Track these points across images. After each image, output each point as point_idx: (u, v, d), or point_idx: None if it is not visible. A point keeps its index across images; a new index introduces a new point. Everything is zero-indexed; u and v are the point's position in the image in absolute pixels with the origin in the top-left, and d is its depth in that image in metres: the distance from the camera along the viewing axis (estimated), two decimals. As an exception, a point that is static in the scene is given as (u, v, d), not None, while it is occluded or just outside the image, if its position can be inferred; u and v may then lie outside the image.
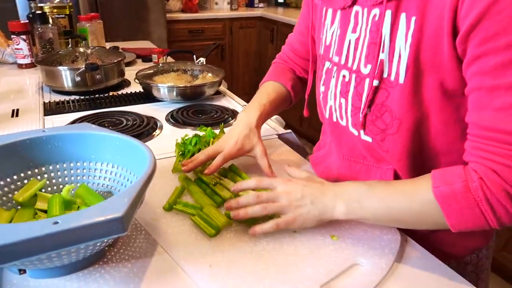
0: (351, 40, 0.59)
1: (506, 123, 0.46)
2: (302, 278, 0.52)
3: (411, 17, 0.51)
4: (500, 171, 0.47)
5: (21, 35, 1.44)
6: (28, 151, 0.64)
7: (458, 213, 0.49)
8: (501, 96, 0.46)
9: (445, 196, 0.49)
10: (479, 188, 0.48)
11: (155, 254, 0.56)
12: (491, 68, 0.46)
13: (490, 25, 0.45)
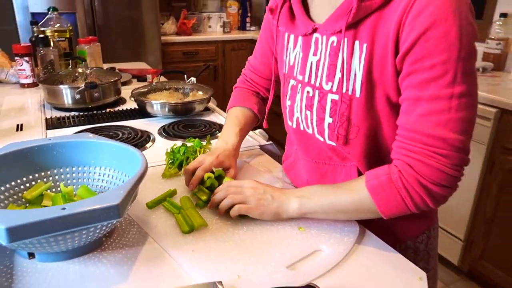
0: (312, 62, 0.70)
1: (424, 127, 0.58)
2: (271, 261, 0.61)
3: (363, 44, 0.62)
4: (414, 165, 0.59)
5: (24, 57, 1.54)
6: (36, 157, 0.73)
7: (385, 200, 0.61)
8: (423, 105, 0.57)
9: (374, 187, 0.61)
10: (398, 179, 0.60)
11: (146, 243, 0.65)
12: (418, 83, 0.57)
13: (419, 50, 0.56)
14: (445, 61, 0.55)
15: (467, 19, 0.55)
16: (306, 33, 0.70)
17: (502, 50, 2.14)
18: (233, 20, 3.87)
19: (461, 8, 0.55)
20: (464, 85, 0.56)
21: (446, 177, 0.58)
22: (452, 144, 0.57)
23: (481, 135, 1.72)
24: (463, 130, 0.57)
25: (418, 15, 0.55)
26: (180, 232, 0.68)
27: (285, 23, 0.75)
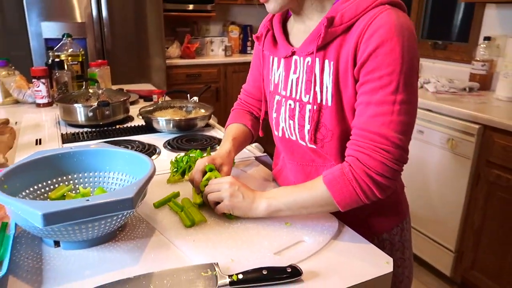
0: (293, 79, 0.83)
1: (372, 126, 0.70)
2: (261, 248, 0.71)
3: (331, 62, 0.75)
4: (362, 159, 0.70)
5: (41, 79, 1.68)
6: (59, 163, 0.84)
7: (339, 191, 0.72)
8: (372, 108, 0.70)
9: (330, 181, 0.72)
10: (349, 171, 0.71)
11: (153, 235, 0.76)
12: (369, 90, 0.70)
13: (371, 64, 0.70)
14: (390, 73, 0.68)
15: (409, 41, 0.69)
16: (286, 56, 0.83)
17: (487, 71, 2.27)
18: (234, 44, 4.04)
19: (404, 32, 0.68)
20: (405, 94, 0.69)
21: (388, 169, 0.70)
22: (393, 142, 0.69)
23: (466, 150, 1.83)
24: (403, 131, 0.70)
25: (370, 36, 0.69)
26: (182, 227, 0.78)
27: (269, 48, 0.88)
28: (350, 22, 0.72)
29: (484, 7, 2.34)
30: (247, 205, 0.78)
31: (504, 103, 2.00)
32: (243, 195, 0.79)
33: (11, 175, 0.74)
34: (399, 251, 0.90)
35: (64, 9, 2.82)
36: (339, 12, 0.73)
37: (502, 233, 1.76)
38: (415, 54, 0.70)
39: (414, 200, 2.14)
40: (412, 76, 0.70)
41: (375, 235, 0.86)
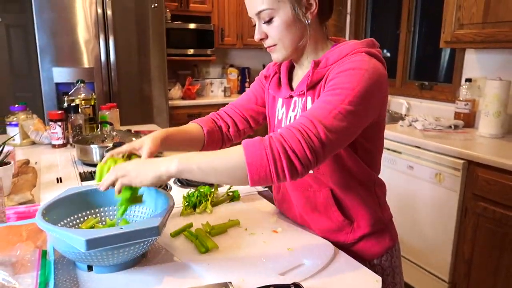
0: (291, 116, 0.97)
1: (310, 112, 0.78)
2: (267, 270, 0.82)
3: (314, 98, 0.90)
4: (284, 133, 0.75)
5: (57, 122, 1.82)
6: (88, 198, 0.96)
7: (252, 152, 0.73)
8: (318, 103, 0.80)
9: (246, 143, 0.76)
10: (267, 139, 0.75)
11: (172, 260, 0.87)
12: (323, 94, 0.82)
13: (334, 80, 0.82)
14: (345, 88, 0.79)
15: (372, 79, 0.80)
16: (286, 97, 0.98)
17: (470, 110, 2.44)
18: (233, 85, 4.25)
19: (370, 70, 0.80)
20: (347, 109, 0.77)
21: (301, 151, 0.73)
22: (319, 132, 0.74)
23: (453, 184, 1.96)
24: (332, 130, 0.75)
25: (341, 64, 0.84)
26: (197, 252, 0.89)
27: (273, 88, 1.03)
28: (333, 65, 0.87)
29: (464, 51, 2.55)
30: (156, 169, 0.78)
31: (486, 140, 2.15)
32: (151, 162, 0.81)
33: (50, 209, 0.86)
34: (390, 275, 1.00)
35: (75, 55, 3.01)
36: (324, 57, 0.90)
37: (491, 263, 1.85)
38: (374, 89, 0.80)
39: (407, 232, 2.25)
40: (363, 103, 0.79)
41: (366, 261, 0.96)
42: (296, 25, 0.89)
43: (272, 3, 0.87)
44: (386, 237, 1.00)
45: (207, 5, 3.89)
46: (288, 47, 0.91)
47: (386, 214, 1.02)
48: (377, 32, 3.51)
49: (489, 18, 2.03)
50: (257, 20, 0.91)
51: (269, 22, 0.89)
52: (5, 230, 0.91)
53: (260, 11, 0.88)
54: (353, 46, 0.88)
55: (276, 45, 0.91)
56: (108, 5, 3.03)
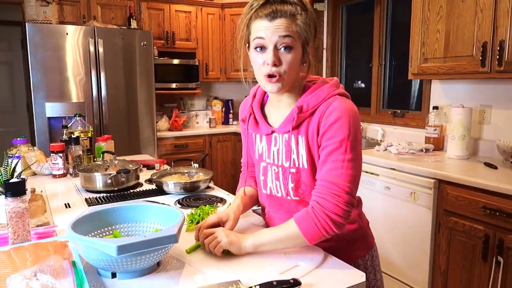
0: (274, 151, 1.11)
1: (328, 177, 0.98)
2: (269, 270, 0.96)
3: (303, 137, 1.05)
4: (320, 202, 0.98)
5: (58, 153, 1.93)
6: (106, 216, 1.08)
7: (306, 227, 0.97)
8: (328, 165, 0.99)
9: (298, 219, 0.99)
10: (312, 212, 0.98)
11: (184, 267, 0.99)
12: (326, 152, 1.00)
13: (328, 134, 1.00)
14: (341, 140, 0.98)
15: (353, 119, 1.00)
16: (267, 133, 1.13)
17: (438, 134, 2.67)
18: (217, 116, 4.43)
19: (350, 113, 1.00)
20: (351, 155, 0.98)
21: (340, 209, 0.96)
22: (344, 189, 0.97)
23: (426, 201, 2.14)
24: (350, 180, 0.97)
25: (328, 116, 1.00)
26: (206, 260, 1.02)
27: (252, 127, 1.17)
28: (313, 108, 1.03)
29: (430, 82, 2.81)
30: (238, 242, 1.02)
31: (454, 161, 2.36)
32: (234, 235, 1.04)
33: (76, 225, 0.98)
34: (372, 273, 1.16)
35: (67, 90, 3.15)
36: (305, 102, 1.04)
37: (464, 274, 2.01)
38: (357, 128, 1.00)
39: (387, 248, 2.40)
40: (356, 142, 0.99)
41: (351, 261, 1.10)
42: (299, 64, 1.03)
43: (296, 35, 0.99)
44: (366, 240, 1.16)
45: (192, 42, 4.12)
46: (289, 82, 1.03)
47: (364, 221, 1.18)
48: (352, 65, 3.79)
49: (449, 53, 2.29)
50: (272, 46, 0.98)
51: (288, 51, 0.99)
52: (33, 246, 1.02)
53: (286, 35, 0.98)
54: (327, 91, 1.04)
55: (281, 76, 1.01)
56: (99, 44, 3.20)
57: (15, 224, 1.06)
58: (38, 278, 0.82)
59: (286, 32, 0.98)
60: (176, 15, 4.00)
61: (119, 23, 3.64)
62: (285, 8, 0.98)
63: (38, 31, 3.01)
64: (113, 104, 3.34)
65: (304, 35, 1.01)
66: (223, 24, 4.28)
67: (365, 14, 3.45)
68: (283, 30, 0.98)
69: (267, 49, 1.00)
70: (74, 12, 3.48)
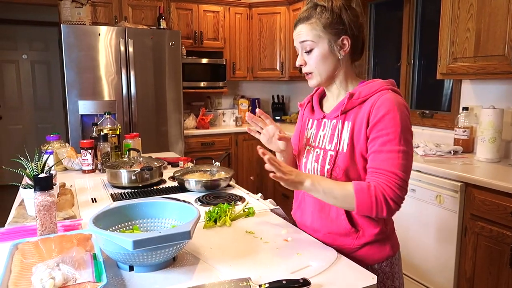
0: (321, 135, 1.18)
1: (385, 166, 1.02)
2: (280, 269, 0.97)
3: (349, 122, 1.09)
4: (381, 185, 1.02)
5: (88, 150, 2.02)
6: (126, 211, 1.13)
7: (362, 199, 1.01)
8: (384, 154, 1.02)
9: (358, 189, 1.03)
10: (373, 189, 1.02)
11: (199, 263, 1.02)
12: (381, 143, 1.03)
13: (380, 125, 1.03)
14: (394, 132, 1.02)
15: (403, 112, 1.04)
16: (319, 119, 1.20)
17: (468, 136, 2.59)
18: (244, 115, 4.46)
19: (400, 107, 1.04)
20: (404, 146, 1.02)
21: (396, 195, 1.01)
22: (399, 177, 1.01)
23: (453, 205, 2.09)
24: (404, 170, 1.02)
25: (379, 107, 1.05)
26: (220, 256, 1.05)
27: (308, 113, 1.26)
28: (365, 97, 1.08)
29: (461, 82, 2.73)
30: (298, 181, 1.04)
31: (483, 164, 2.29)
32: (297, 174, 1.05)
33: (98, 219, 1.03)
34: (390, 279, 1.15)
35: (99, 89, 3.26)
36: (357, 91, 1.10)
37: (491, 280, 1.95)
38: (408, 121, 1.05)
39: (411, 252, 2.36)
40: (407, 134, 1.03)
41: (368, 265, 1.11)
42: (330, 58, 1.12)
43: (314, 37, 1.10)
44: (387, 246, 1.15)
45: (219, 42, 4.17)
46: (322, 75, 1.14)
47: (389, 226, 1.17)
48: (380, 64, 3.72)
49: (480, 52, 2.22)
50: (300, 49, 1.14)
51: (309, 53, 1.13)
52: (59, 238, 1.08)
53: (303, 41, 1.11)
54: (380, 84, 1.10)
55: (312, 72, 1.15)
56: (130, 44, 3.30)
57: (43, 216, 1.12)
58: (60, 268, 0.88)
59: (303, 38, 1.12)
60: (204, 15, 4.06)
61: (149, 23, 3.73)
62: (303, 14, 1.13)
63: (72, 32, 3.14)
64: (142, 103, 3.44)
65: (326, 34, 1.10)
66: (250, 23, 4.30)
67: (394, 12, 3.39)
68: (301, 36, 1.13)
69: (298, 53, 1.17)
70: (106, 13, 3.60)
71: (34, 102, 5.44)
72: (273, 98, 4.76)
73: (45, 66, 5.45)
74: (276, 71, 4.31)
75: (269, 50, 4.29)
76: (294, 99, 4.82)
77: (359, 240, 1.12)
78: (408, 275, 2.40)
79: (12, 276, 0.89)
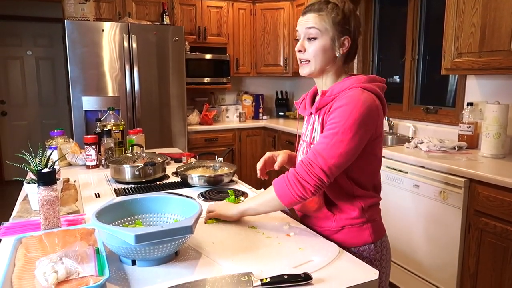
0: (308, 130, 1.22)
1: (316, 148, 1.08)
2: (282, 264, 0.97)
3: (321, 117, 1.14)
4: (296, 167, 1.09)
5: (91, 145, 2.03)
6: (129, 206, 1.14)
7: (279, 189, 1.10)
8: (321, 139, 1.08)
9: (275, 182, 1.13)
10: (286, 176, 1.10)
11: (201, 258, 1.03)
12: (323, 135, 1.08)
13: (330, 118, 1.09)
14: (337, 122, 1.06)
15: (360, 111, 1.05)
16: (308, 115, 1.25)
17: (472, 132, 2.57)
18: (247, 111, 4.46)
19: (359, 104, 1.06)
20: (343, 137, 1.05)
21: (310, 178, 1.06)
22: (320, 162, 1.05)
23: (456, 201, 2.08)
24: (330, 156, 1.05)
25: (337, 102, 1.09)
26: (222, 251, 1.05)
27: (301, 110, 1.30)
28: (336, 95, 1.12)
29: (465, 77, 2.71)
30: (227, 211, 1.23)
31: (487, 160, 2.27)
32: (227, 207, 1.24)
33: (101, 214, 1.03)
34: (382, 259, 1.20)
35: (102, 85, 3.27)
36: (331, 88, 1.16)
37: (495, 277, 1.94)
38: (364, 118, 1.05)
39: (414, 248, 2.36)
40: (354, 130, 1.04)
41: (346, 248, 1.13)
42: (329, 52, 1.16)
43: (321, 27, 1.14)
44: (366, 232, 1.18)
45: (223, 37, 4.16)
46: (316, 66, 1.17)
47: (369, 213, 1.18)
48: (384, 60, 3.70)
49: (485, 47, 2.20)
50: (302, 35, 1.17)
51: (311, 40, 1.15)
52: (62, 233, 1.09)
53: (311, 27, 1.14)
54: (353, 82, 1.12)
55: (309, 61, 1.17)
56: (133, 40, 3.31)
57: (46, 211, 1.13)
58: (63, 262, 0.88)
59: (311, 24, 1.15)
60: (207, 10, 4.05)
61: (152, 19, 3.73)
62: (315, 6, 1.16)
63: (76, 28, 3.14)
64: (146, 98, 3.45)
65: (332, 29, 1.14)
66: (254, 19, 4.29)
67: (398, 7, 3.36)
68: (309, 23, 1.15)
69: (299, 39, 1.18)
70: (110, 9, 3.61)
71: (38, 98, 5.47)
72: (277, 94, 4.76)
73: (50, 62, 5.47)
74: (279, 67, 4.30)
75: (272, 46, 4.28)
76: (298, 95, 4.81)
77: (337, 222, 1.18)
78: (411, 271, 2.39)
79: (15, 270, 0.90)
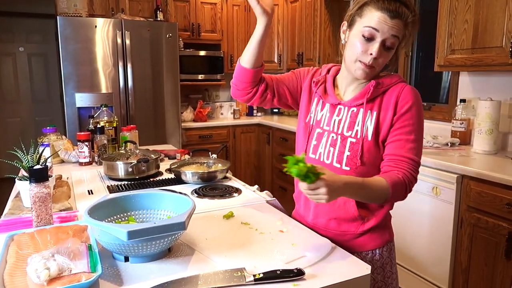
0: (335, 120, 1.17)
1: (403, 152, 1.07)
2: (275, 260, 0.98)
3: (374, 111, 1.11)
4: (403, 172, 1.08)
5: (84, 142, 2.01)
6: (121, 203, 1.13)
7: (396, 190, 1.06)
8: (409, 144, 1.07)
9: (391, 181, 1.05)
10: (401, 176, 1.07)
11: (194, 254, 1.03)
12: (404, 132, 1.08)
13: (405, 117, 1.08)
14: (417, 123, 1.10)
15: (421, 105, 1.12)
16: (333, 104, 1.19)
17: (465, 128, 2.59)
18: (242, 108, 4.46)
19: (419, 100, 1.12)
20: (418, 135, 1.10)
21: (414, 179, 1.09)
22: (417, 162, 1.09)
23: (449, 196, 2.10)
24: (419, 156, 1.10)
25: (404, 98, 1.10)
26: (215, 248, 1.05)
27: (320, 93, 1.22)
28: (387, 86, 1.13)
29: (458, 74, 2.72)
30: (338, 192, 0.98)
31: (480, 156, 2.29)
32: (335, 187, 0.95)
33: (93, 210, 1.03)
34: (388, 265, 1.18)
35: (96, 81, 3.25)
36: (380, 81, 1.13)
37: (487, 271, 1.96)
38: (422, 114, 1.13)
39: (407, 243, 2.37)
40: (421, 126, 1.12)
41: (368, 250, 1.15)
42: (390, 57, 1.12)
43: (401, 37, 1.07)
44: (387, 232, 1.19)
45: (217, 34, 4.15)
46: (375, 74, 1.14)
47: (389, 218, 1.22)
48: (378, 56, 3.71)
49: (477, 44, 2.21)
50: (381, 40, 1.05)
51: (387, 49, 1.08)
52: (55, 229, 1.08)
53: (395, 36, 1.05)
54: (398, 76, 1.15)
55: (375, 68, 1.10)
56: (126, 36, 3.28)
57: (38, 208, 1.12)
58: (55, 258, 0.88)
59: (396, 33, 1.05)
60: (201, 7, 4.04)
61: (146, 15, 3.71)
62: (406, 12, 1.05)
63: (68, 24, 3.12)
64: (140, 95, 3.43)
65: (404, 40, 1.10)
66: (248, 15, 4.28)
67: (393, 4, 3.36)
68: (396, 31, 1.05)
69: (374, 41, 1.06)
70: (103, 4, 3.58)
71: (31, 95, 5.42)
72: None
73: (42, 59, 5.42)
74: (274, 63, 4.29)
75: (267, 42, 4.27)
76: (292, 91, 4.81)
77: (364, 226, 1.16)
78: (404, 266, 2.41)
79: (7, 267, 0.90)
